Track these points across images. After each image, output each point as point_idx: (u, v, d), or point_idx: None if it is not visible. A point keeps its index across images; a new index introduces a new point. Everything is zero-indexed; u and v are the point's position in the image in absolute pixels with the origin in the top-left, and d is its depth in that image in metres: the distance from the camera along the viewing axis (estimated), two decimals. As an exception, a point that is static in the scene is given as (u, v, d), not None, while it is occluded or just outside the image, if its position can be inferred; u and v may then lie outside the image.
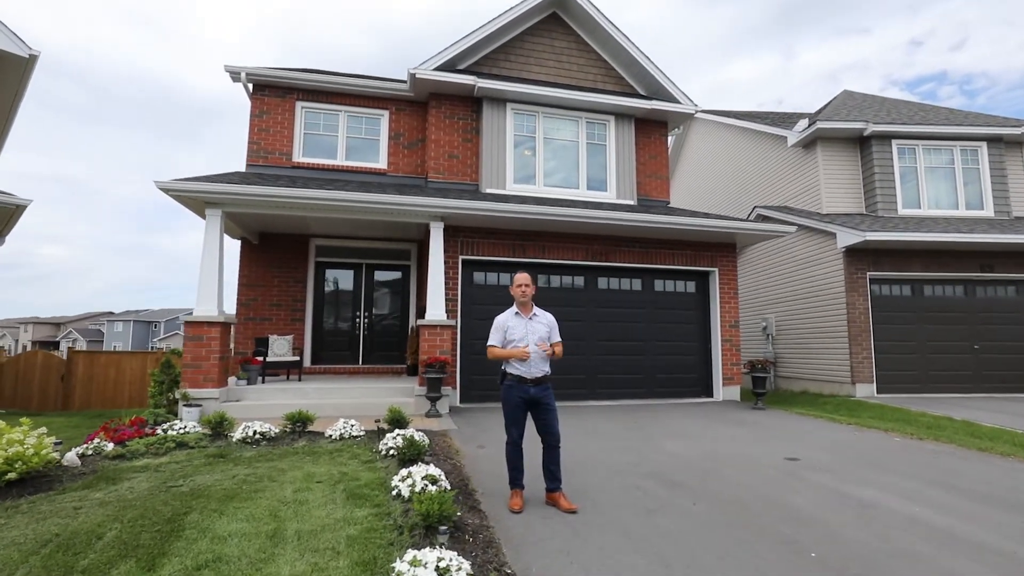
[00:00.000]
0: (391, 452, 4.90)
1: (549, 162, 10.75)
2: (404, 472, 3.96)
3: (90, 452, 4.92)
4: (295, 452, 5.19)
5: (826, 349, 11.31)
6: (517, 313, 4.12)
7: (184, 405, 6.99)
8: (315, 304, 10.45)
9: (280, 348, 8.90)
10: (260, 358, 8.50)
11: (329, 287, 10.74)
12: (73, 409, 13.22)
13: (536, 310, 4.17)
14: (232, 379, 8.11)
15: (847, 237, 10.36)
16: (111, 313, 70.23)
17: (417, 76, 9.91)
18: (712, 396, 10.03)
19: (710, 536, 3.41)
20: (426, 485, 3.76)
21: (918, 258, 10.81)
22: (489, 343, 4.10)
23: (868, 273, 10.77)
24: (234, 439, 5.49)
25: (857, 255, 10.74)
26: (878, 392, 10.54)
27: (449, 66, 10.19)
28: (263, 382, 8.38)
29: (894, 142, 11.67)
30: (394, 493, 3.83)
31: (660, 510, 3.87)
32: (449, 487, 3.94)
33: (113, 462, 4.77)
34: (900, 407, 8.95)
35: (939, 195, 11.80)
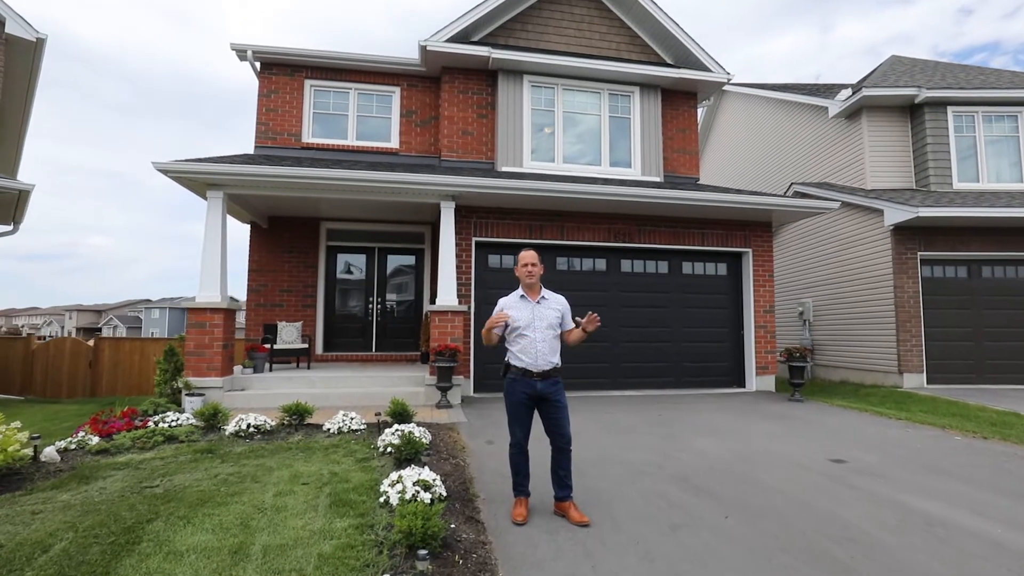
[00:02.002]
0: (388, 450, 4.49)
1: (569, 138, 10.12)
2: (394, 476, 3.53)
3: (73, 447, 4.65)
4: (288, 447, 4.83)
5: (870, 336, 10.47)
6: (523, 296, 3.60)
7: (186, 394, 6.74)
8: (327, 290, 10.12)
9: (289, 335, 8.61)
10: (267, 345, 8.22)
11: (341, 272, 10.40)
12: (100, 395, 13.30)
13: (545, 292, 3.64)
14: (238, 367, 7.85)
15: (896, 214, 9.46)
16: (148, 301, 72.43)
17: (428, 48, 9.37)
18: (744, 387, 9.37)
19: (747, 560, 2.88)
20: (417, 492, 3.32)
21: (976, 236, 9.83)
22: (485, 328, 3.59)
23: (919, 253, 9.86)
24: (227, 433, 5.16)
25: (907, 234, 9.84)
26: (928, 383, 9.70)
27: (462, 37, 9.62)
28: (270, 370, 8.10)
29: (950, 109, 10.61)
30: (381, 500, 3.41)
31: (686, 525, 3.34)
32: (444, 493, 3.50)
33: (95, 457, 4.48)
34: (955, 400, 8.15)
35: (1000, 167, 10.73)
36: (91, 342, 14.15)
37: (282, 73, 10.05)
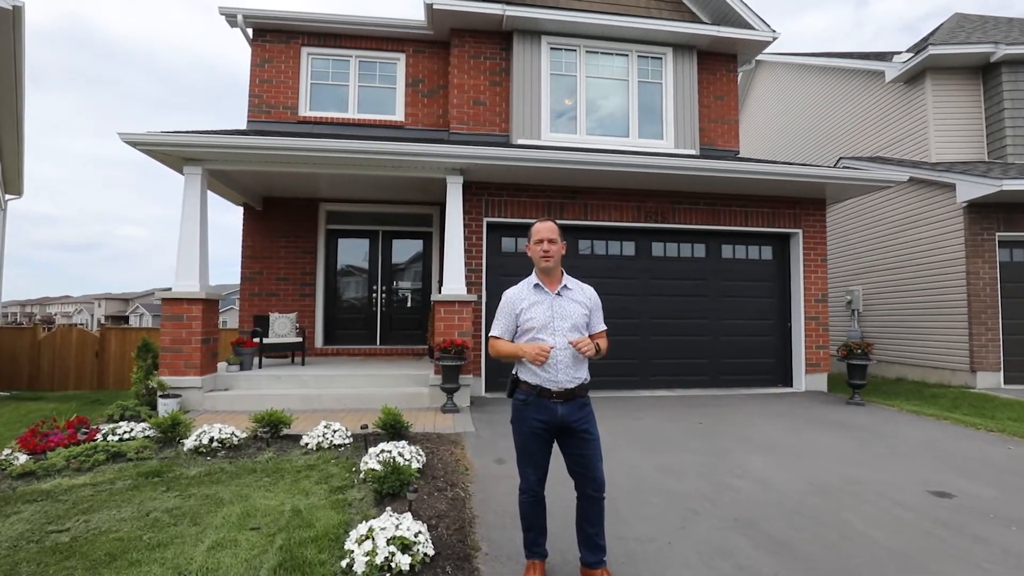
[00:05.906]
0: (369, 478, 3.59)
1: (593, 107, 9.02)
2: (364, 528, 2.61)
3: (-7, 468, 3.86)
4: (253, 469, 3.96)
5: (934, 328, 9.25)
6: (538, 285, 2.61)
7: (160, 396, 5.95)
8: (327, 277, 9.28)
9: (282, 328, 7.79)
10: (257, 339, 7.41)
11: (342, 258, 9.53)
12: (107, 387, 12.79)
13: (568, 280, 2.65)
14: (222, 364, 7.05)
15: (971, 188, 8.19)
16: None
17: (435, 7, 8.34)
18: (792, 386, 8.27)
19: None
20: (391, 555, 2.41)
21: (1067, 214, 8.51)
22: (492, 333, 2.62)
23: (997, 234, 8.58)
24: (186, 448, 4.32)
25: (983, 211, 8.56)
26: (1005, 383, 8.47)
27: (473, -7, 8.56)
28: (260, 367, 7.31)
29: (1033, 68, 9.22)
30: (344, 564, 2.50)
31: (769, 608, 2.37)
32: (431, 552, 2.58)
33: (15, 483, 3.67)
34: (1047, 404, 6.96)
35: (1092, 134, 9.31)
36: (97, 332, 13.65)
37: (276, 40, 9.15)
